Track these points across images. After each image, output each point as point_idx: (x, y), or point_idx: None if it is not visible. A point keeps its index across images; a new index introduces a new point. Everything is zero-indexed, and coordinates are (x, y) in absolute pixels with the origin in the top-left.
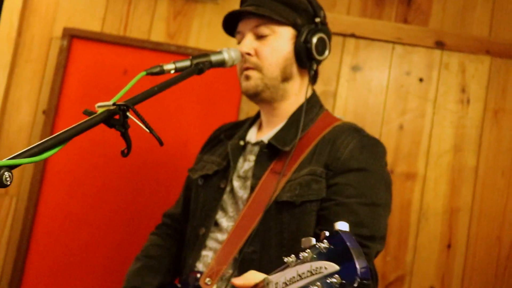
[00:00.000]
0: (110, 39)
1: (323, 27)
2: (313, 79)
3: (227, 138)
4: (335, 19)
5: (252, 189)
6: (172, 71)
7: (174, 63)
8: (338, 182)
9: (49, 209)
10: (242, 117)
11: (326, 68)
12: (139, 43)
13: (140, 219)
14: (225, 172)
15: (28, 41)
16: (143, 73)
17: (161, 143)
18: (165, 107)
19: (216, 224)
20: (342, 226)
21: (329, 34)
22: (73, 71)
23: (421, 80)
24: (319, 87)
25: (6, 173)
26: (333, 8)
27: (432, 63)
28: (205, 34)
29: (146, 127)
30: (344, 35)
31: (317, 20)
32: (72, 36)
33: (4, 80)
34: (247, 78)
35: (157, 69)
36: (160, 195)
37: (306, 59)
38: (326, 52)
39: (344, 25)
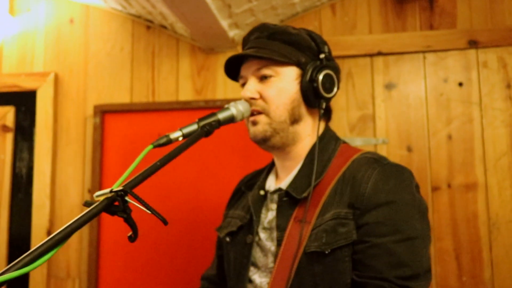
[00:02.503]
0: (140, 107)
1: (328, 62)
2: (326, 116)
3: (248, 189)
4: (359, 40)
5: (279, 242)
6: (180, 138)
7: (180, 129)
8: (368, 222)
9: (109, 285)
10: None
11: (359, 91)
12: (167, 105)
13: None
14: (250, 225)
15: (65, 125)
16: (150, 146)
17: (165, 223)
18: (205, 163)
19: (250, 281)
20: None
21: (336, 69)
22: (110, 146)
23: (460, 84)
24: (355, 113)
25: None
26: (354, 29)
27: (469, 65)
28: (231, 83)
29: (148, 209)
30: (370, 55)
31: (322, 56)
32: (103, 112)
33: (48, 166)
34: (254, 123)
35: (164, 140)
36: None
37: (314, 98)
38: (335, 89)
39: (369, 45)
